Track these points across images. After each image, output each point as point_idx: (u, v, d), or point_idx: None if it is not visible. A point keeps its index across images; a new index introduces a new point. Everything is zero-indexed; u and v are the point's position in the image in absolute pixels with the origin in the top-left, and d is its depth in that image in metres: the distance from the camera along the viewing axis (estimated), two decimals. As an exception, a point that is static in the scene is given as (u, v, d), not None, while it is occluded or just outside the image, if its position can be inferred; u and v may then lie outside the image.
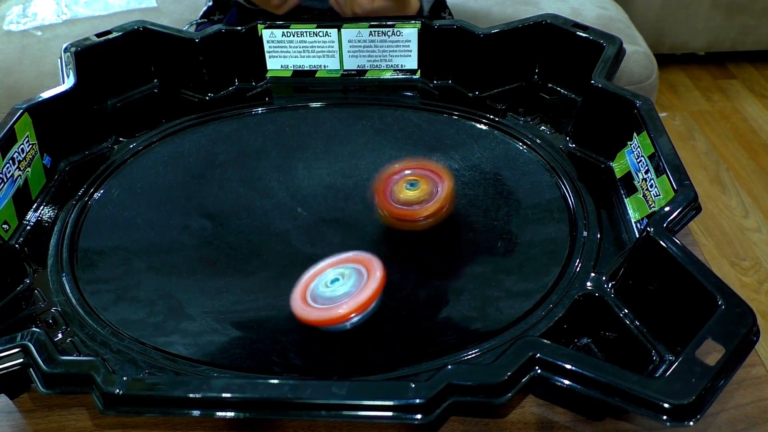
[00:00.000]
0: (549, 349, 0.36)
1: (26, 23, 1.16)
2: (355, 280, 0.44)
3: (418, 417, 0.34)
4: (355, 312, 0.43)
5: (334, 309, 0.43)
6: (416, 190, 0.50)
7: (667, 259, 0.41)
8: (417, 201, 0.50)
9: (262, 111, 0.67)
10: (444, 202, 0.50)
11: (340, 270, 0.46)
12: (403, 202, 0.50)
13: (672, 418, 0.33)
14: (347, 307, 0.43)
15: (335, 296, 0.44)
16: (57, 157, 0.61)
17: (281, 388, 0.35)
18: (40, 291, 0.49)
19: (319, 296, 0.44)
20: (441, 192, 0.51)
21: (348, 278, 0.45)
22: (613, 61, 0.60)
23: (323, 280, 0.45)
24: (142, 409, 0.36)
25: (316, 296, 0.44)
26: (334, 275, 0.45)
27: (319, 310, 0.43)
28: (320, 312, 0.43)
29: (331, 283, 0.45)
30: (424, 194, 0.50)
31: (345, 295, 0.44)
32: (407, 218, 0.50)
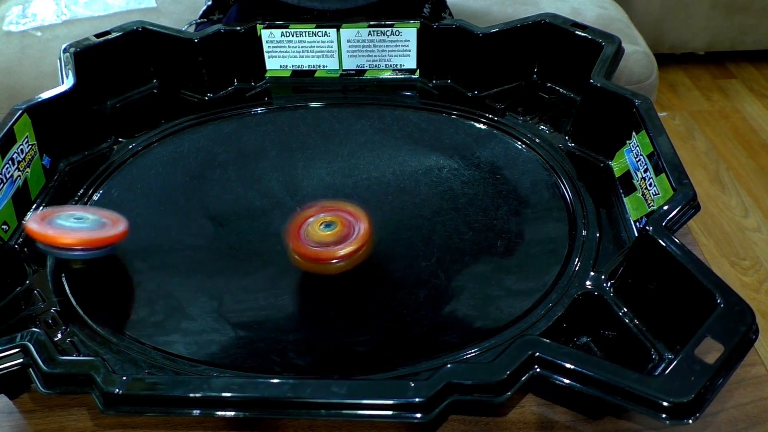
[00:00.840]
0: (548, 347, 0.36)
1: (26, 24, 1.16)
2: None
3: (418, 416, 0.34)
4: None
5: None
6: (332, 231, 0.48)
7: (666, 258, 0.41)
8: (333, 242, 0.47)
9: (262, 111, 0.67)
10: (360, 243, 0.47)
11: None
12: (319, 243, 0.48)
13: (671, 417, 0.33)
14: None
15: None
16: (56, 157, 0.61)
17: (281, 388, 0.35)
18: (39, 291, 0.49)
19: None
20: (358, 233, 0.48)
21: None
22: (612, 61, 0.60)
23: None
24: (141, 408, 0.36)
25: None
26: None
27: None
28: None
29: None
30: (339, 235, 0.48)
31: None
32: (321, 259, 0.47)
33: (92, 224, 0.48)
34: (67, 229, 0.47)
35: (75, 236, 0.46)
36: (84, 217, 0.49)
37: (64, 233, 0.47)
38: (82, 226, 0.48)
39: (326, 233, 0.48)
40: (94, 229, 0.48)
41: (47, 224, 0.47)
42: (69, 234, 0.46)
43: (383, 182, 0.57)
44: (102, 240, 0.48)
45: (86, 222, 0.48)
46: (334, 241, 0.47)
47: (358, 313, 0.46)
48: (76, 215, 0.49)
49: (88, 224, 0.48)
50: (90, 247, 0.47)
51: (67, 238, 0.46)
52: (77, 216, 0.49)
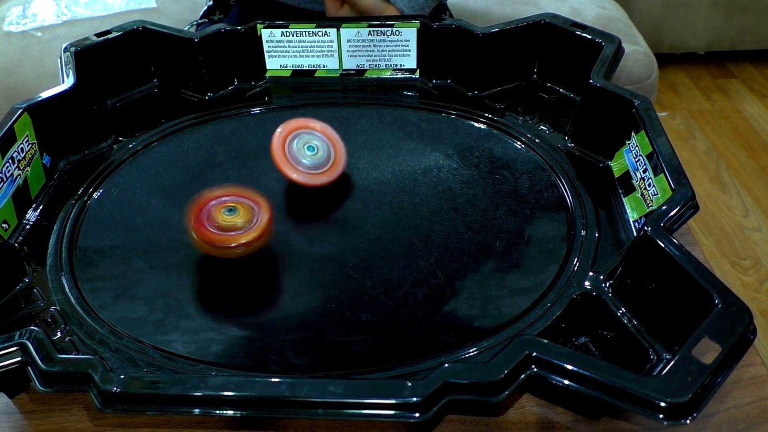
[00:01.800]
0: (545, 347, 0.36)
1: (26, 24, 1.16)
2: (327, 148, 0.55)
3: (415, 415, 0.34)
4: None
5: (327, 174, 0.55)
6: (235, 216, 0.48)
7: (664, 258, 0.41)
8: (234, 228, 0.48)
9: (262, 111, 0.68)
10: (261, 231, 0.48)
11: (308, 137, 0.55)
12: (220, 227, 0.48)
13: (668, 417, 0.33)
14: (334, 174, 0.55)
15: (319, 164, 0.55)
16: (56, 156, 0.61)
17: (278, 387, 0.35)
18: (39, 290, 0.49)
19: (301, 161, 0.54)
20: (259, 221, 0.49)
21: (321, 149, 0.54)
22: (612, 61, 0.60)
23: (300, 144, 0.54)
24: (139, 407, 0.36)
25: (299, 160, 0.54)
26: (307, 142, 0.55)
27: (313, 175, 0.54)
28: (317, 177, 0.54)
29: (309, 151, 0.54)
30: (242, 222, 0.48)
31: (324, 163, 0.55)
32: (220, 244, 0.48)
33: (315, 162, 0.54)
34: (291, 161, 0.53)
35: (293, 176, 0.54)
36: (315, 149, 0.54)
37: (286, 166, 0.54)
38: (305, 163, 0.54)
39: (230, 218, 0.49)
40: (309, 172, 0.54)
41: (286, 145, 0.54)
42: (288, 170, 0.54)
43: (382, 182, 0.57)
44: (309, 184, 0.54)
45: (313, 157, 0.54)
46: (236, 228, 0.48)
47: (356, 312, 0.46)
48: (312, 143, 0.54)
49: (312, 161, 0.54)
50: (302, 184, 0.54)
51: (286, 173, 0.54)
52: (312, 145, 0.54)
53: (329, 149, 0.56)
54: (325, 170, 0.55)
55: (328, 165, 0.55)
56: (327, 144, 0.56)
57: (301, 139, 0.54)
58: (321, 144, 0.55)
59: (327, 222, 0.55)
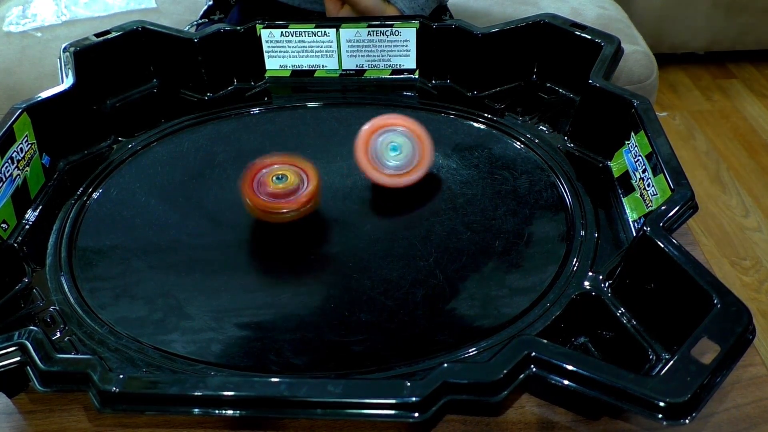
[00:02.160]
0: (544, 347, 0.36)
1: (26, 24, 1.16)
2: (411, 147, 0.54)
3: (414, 415, 0.34)
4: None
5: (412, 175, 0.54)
6: (284, 183, 0.52)
7: (663, 259, 0.41)
8: (282, 194, 0.52)
9: (261, 111, 0.68)
10: (308, 198, 0.52)
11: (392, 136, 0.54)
12: (270, 194, 0.52)
13: (667, 417, 0.33)
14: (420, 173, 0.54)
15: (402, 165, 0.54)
16: (56, 156, 0.61)
17: (277, 387, 0.35)
18: (38, 290, 0.49)
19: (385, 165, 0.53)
20: (306, 188, 0.52)
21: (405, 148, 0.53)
22: (611, 61, 0.60)
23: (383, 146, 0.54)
24: (138, 407, 0.36)
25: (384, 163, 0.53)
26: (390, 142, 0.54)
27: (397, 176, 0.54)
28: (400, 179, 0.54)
29: (393, 151, 0.53)
30: (289, 188, 0.52)
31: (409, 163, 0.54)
32: (270, 210, 0.51)
33: (400, 163, 0.54)
34: (375, 163, 0.54)
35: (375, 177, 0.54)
36: (399, 149, 0.54)
37: (369, 168, 0.54)
38: (389, 165, 0.54)
39: (279, 185, 0.52)
40: (393, 173, 0.54)
41: (370, 145, 0.54)
42: (372, 172, 0.54)
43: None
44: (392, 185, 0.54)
45: (397, 157, 0.54)
46: (284, 193, 0.52)
47: (355, 312, 0.47)
48: (396, 142, 0.54)
49: (396, 162, 0.54)
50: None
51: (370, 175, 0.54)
52: (395, 145, 0.54)
53: (414, 147, 0.55)
54: (411, 169, 0.54)
55: (413, 164, 0.55)
56: (412, 141, 0.55)
57: (386, 138, 0.54)
58: (405, 142, 0.55)
59: (326, 222, 0.55)
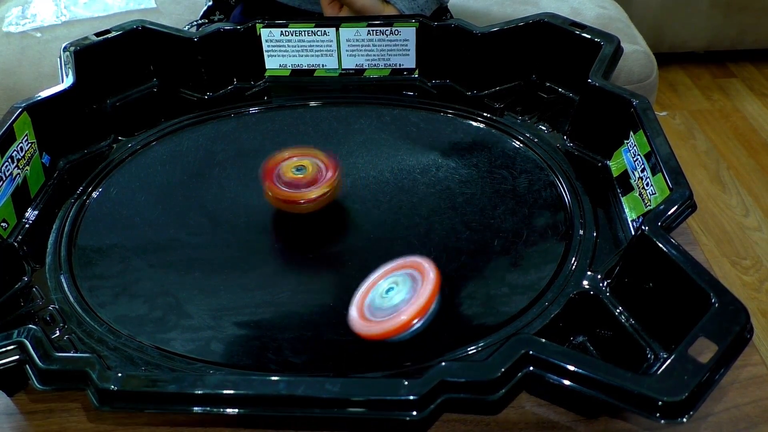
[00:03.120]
0: (542, 346, 0.36)
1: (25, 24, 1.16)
2: (410, 285, 0.43)
3: (412, 413, 0.34)
4: (416, 317, 0.41)
5: (395, 318, 0.41)
6: (303, 174, 0.53)
7: (661, 258, 0.41)
8: (302, 185, 0.52)
9: (261, 110, 0.68)
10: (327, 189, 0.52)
11: (392, 279, 0.44)
12: (289, 184, 0.52)
13: (665, 416, 0.33)
14: (408, 314, 0.41)
15: (393, 305, 0.43)
16: (56, 155, 0.61)
17: (275, 385, 0.35)
18: (38, 289, 0.49)
19: (377, 309, 0.43)
20: (325, 179, 0.53)
21: (402, 285, 0.44)
22: (611, 60, 0.60)
23: (378, 292, 0.44)
24: (137, 405, 0.36)
25: (374, 309, 0.43)
26: (388, 285, 0.44)
27: (380, 323, 0.42)
28: (382, 324, 0.42)
29: (386, 294, 0.43)
30: (309, 179, 0.53)
31: (403, 303, 0.42)
32: (289, 200, 0.52)
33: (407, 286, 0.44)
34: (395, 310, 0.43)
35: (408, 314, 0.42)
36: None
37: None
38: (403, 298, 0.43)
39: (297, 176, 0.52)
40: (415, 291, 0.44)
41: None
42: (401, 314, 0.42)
43: (381, 181, 0.58)
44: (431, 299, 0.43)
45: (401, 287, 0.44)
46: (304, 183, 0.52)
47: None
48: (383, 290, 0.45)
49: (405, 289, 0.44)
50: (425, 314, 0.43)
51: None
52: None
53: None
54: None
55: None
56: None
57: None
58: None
59: (326, 221, 0.55)
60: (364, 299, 0.44)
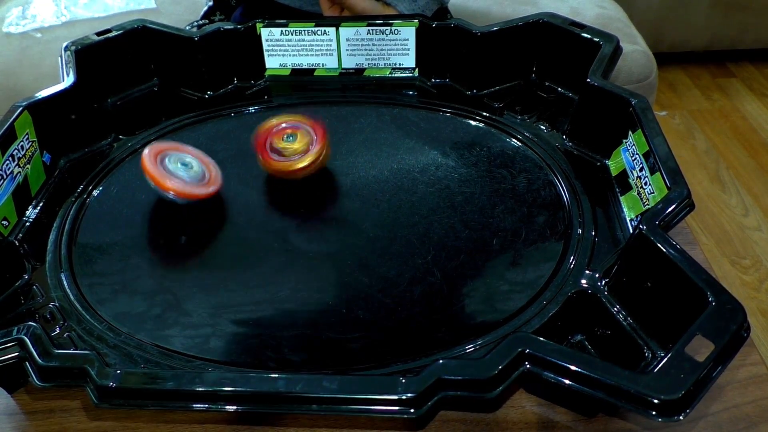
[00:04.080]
0: (538, 344, 0.36)
1: (26, 25, 1.16)
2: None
3: (409, 411, 0.35)
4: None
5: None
6: (293, 142, 0.55)
7: (659, 257, 0.41)
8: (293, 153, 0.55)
9: (261, 109, 0.68)
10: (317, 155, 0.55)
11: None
12: (281, 153, 0.55)
13: (661, 414, 0.34)
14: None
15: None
16: (57, 154, 0.61)
17: (274, 382, 0.36)
18: (38, 286, 0.49)
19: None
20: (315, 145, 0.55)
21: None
22: (610, 60, 0.60)
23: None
24: (135, 402, 0.36)
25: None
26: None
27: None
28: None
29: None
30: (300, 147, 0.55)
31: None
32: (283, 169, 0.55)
33: (192, 176, 0.54)
34: (168, 174, 0.53)
35: (170, 184, 0.52)
36: (190, 165, 0.54)
37: (164, 177, 0.52)
38: (182, 176, 0.53)
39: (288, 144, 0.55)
40: (189, 182, 0.53)
41: (158, 162, 0.53)
42: (167, 180, 0.52)
43: (381, 180, 0.58)
44: (190, 195, 0.53)
45: (188, 171, 0.54)
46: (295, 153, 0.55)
47: (353, 310, 0.47)
48: (185, 160, 0.55)
49: (188, 175, 0.54)
50: (180, 197, 0.53)
51: (164, 183, 0.52)
52: (185, 162, 0.54)
53: (203, 167, 0.56)
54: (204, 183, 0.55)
55: (206, 179, 0.55)
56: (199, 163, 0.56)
57: (173, 156, 0.55)
58: (193, 161, 0.55)
59: (325, 220, 0.55)
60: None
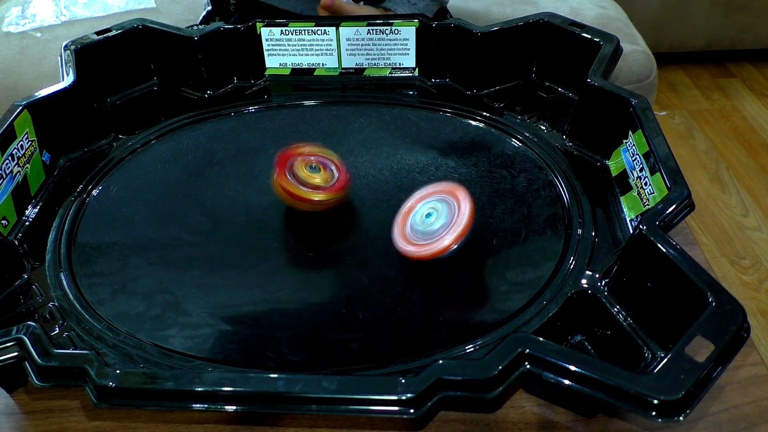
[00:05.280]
0: (538, 345, 0.36)
1: (25, 24, 1.16)
2: (447, 212, 0.48)
3: (409, 411, 0.35)
4: (456, 242, 0.46)
5: (439, 242, 0.47)
6: (316, 174, 0.53)
7: (659, 257, 0.41)
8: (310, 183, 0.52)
9: (261, 109, 0.68)
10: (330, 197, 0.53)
11: (430, 205, 0.49)
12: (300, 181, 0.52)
13: (661, 414, 0.34)
14: (449, 240, 0.46)
15: (434, 230, 0.48)
16: (56, 153, 0.61)
17: (273, 383, 0.35)
18: (38, 286, 0.49)
19: (419, 233, 0.48)
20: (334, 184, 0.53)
21: (441, 211, 0.48)
22: (610, 60, 0.60)
23: (417, 217, 0.49)
24: (135, 402, 0.36)
25: (416, 234, 0.49)
26: (427, 210, 0.49)
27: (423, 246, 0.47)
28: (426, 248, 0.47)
29: (426, 218, 0.49)
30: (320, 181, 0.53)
31: (443, 228, 0.47)
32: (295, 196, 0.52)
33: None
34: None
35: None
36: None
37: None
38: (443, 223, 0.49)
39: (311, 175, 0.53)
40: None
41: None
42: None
43: (381, 180, 0.58)
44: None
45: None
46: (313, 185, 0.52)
47: (352, 309, 0.47)
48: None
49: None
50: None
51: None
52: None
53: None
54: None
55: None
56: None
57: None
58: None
59: (325, 220, 0.55)
60: (404, 223, 0.50)
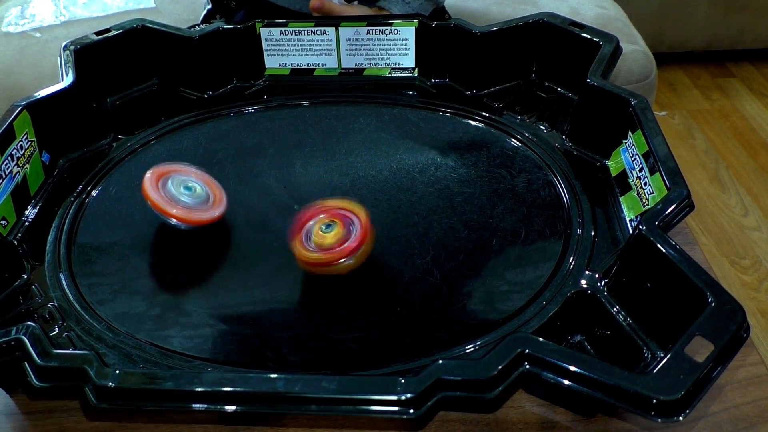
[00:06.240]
0: (538, 345, 0.36)
1: (25, 25, 1.16)
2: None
3: (408, 411, 0.35)
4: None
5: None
6: (331, 232, 0.48)
7: (658, 257, 0.41)
8: (330, 246, 0.48)
9: (260, 109, 0.68)
10: (360, 239, 0.48)
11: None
12: (318, 245, 0.48)
13: (660, 414, 0.34)
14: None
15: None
16: (56, 154, 0.61)
17: (273, 383, 0.35)
18: (37, 286, 0.49)
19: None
20: (354, 236, 0.48)
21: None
22: (610, 60, 0.60)
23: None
24: (134, 402, 0.36)
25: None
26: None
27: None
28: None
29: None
30: (337, 238, 0.48)
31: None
32: (325, 263, 0.47)
33: (195, 200, 0.52)
34: (171, 200, 0.51)
35: (174, 211, 0.50)
36: (193, 189, 0.52)
37: (167, 203, 0.50)
38: (186, 201, 0.51)
39: (325, 235, 0.48)
40: (193, 207, 0.51)
41: (159, 186, 0.51)
42: (170, 206, 0.51)
43: (380, 180, 0.58)
44: (194, 221, 0.51)
45: (192, 196, 0.52)
46: (335, 243, 0.47)
47: (352, 309, 0.47)
48: (188, 184, 0.52)
49: (192, 200, 0.52)
50: (183, 223, 0.51)
51: (167, 210, 0.50)
52: (188, 186, 0.52)
53: (207, 190, 0.54)
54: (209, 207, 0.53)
55: (209, 203, 0.53)
56: (203, 185, 0.54)
57: (175, 179, 0.52)
58: (197, 185, 0.53)
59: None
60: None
